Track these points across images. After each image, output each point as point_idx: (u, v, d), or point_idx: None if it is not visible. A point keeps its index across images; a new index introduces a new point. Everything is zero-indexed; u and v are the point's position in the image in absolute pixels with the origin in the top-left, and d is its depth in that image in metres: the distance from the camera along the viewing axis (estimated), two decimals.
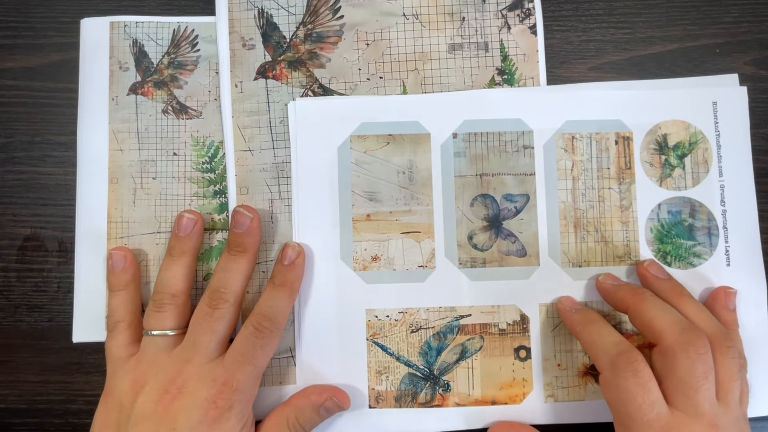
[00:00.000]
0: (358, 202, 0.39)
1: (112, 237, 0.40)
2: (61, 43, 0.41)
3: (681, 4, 0.41)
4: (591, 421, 0.38)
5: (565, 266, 0.39)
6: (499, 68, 0.40)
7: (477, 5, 0.41)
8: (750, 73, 0.41)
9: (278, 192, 0.40)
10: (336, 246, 0.39)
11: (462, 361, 0.39)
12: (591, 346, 0.35)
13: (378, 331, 0.39)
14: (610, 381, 0.32)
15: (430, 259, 0.39)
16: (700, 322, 0.34)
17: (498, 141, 0.40)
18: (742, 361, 0.35)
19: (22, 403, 0.39)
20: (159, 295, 0.36)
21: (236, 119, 0.40)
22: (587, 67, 0.41)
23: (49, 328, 0.40)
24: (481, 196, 0.39)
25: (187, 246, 0.37)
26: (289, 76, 0.40)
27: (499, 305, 0.39)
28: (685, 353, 0.31)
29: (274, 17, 0.41)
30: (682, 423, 0.31)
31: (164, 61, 0.41)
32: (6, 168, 0.40)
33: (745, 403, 0.34)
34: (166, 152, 0.40)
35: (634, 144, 0.40)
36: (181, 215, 0.38)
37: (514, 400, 0.38)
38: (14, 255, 0.40)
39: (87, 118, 0.40)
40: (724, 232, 0.39)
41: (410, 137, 0.39)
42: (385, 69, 0.40)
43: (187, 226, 0.37)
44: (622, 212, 0.39)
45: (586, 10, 0.41)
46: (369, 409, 0.38)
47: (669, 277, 0.38)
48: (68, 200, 0.40)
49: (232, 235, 0.37)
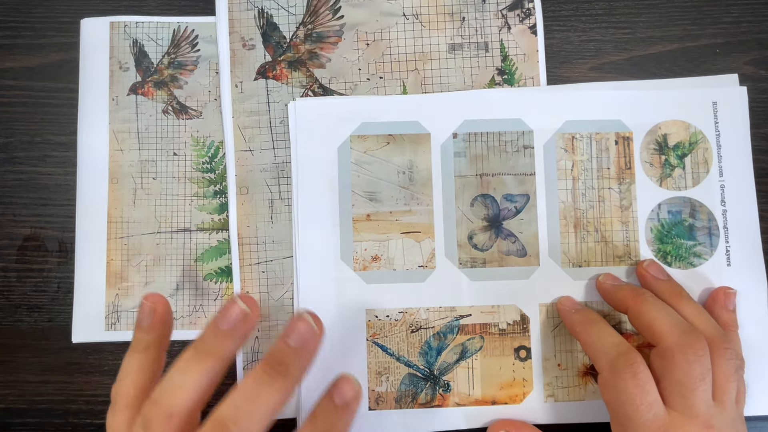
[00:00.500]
0: (358, 202, 0.39)
1: (112, 237, 0.40)
2: (61, 43, 0.41)
3: (681, 4, 0.41)
4: (591, 421, 0.38)
5: (565, 266, 0.39)
6: (499, 68, 0.40)
7: (477, 5, 0.41)
8: (750, 73, 0.41)
9: (278, 192, 0.40)
10: (336, 246, 0.39)
11: (462, 361, 0.39)
12: (590, 347, 0.35)
13: (378, 331, 0.39)
14: (608, 381, 0.33)
15: (430, 259, 0.39)
16: (699, 323, 0.34)
17: (498, 141, 0.40)
18: (739, 362, 0.35)
19: (22, 403, 0.39)
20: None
21: (236, 119, 0.40)
22: (587, 67, 0.41)
23: (49, 328, 0.40)
24: (481, 196, 0.39)
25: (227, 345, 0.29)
26: (289, 76, 0.40)
27: (499, 305, 0.39)
28: (684, 355, 0.31)
29: (274, 17, 0.41)
30: (679, 423, 0.31)
31: (164, 61, 0.41)
32: (6, 168, 0.40)
33: (742, 403, 0.34)
34: (166, 152, 0.40)
35: (634, 144, 0.40)
36: (228, 307, 0.29)
37: (514, 400, 0.38)
38: (14, 255, 0.40)
39: (87, 118, 0.40)
40: (724, 232, 0.39)
41: (410, 137, 0.39)
42: (385, 69, 0.40)
43: (235, 316, 0.29)
44: (622, 212, 0.39)
45: (586, 10, 0.41)
46: (369, 411, 0.38)
47: (668, 277, 0.38)
48: (68, 200, 0.40)
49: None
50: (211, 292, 0.40)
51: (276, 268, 0.39)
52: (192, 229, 0.40)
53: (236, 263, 0.39)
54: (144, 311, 0.31)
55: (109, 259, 0.39)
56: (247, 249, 0.39)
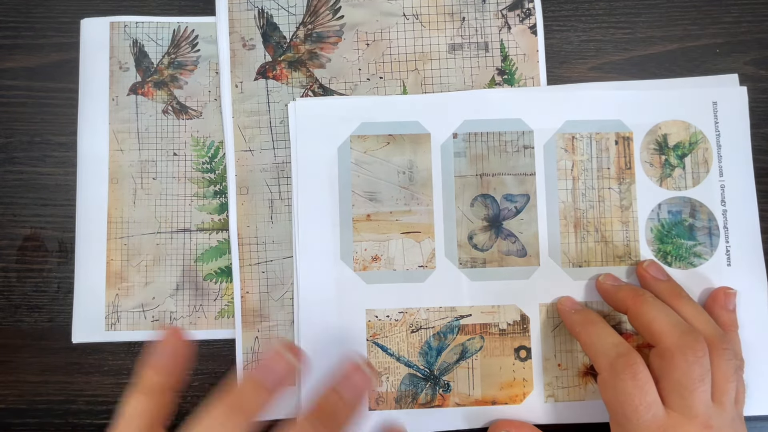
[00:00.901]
0: (358, 202, 0.39)
1: (112, 237, 0.40)
2: (61, 43, 0.41)
3: (681, 4, 0.41)
4: (591, 421, 0.38)
5: (565, 266, 0.39)
6: (499, 68, 0.40)
7: (477, 5, 0.41)
8: (750, 73, 0.41)
9: (278, 192, 0.40)
10: (336, 246, 0.39)
11: (462, 361, 0.39)
12: (590, 347, 0.35)
13: (378, 331, 0.39)
14: (608, 382, 0.33)
15: (430, 259, 0.39)
16: (698, 324, 0.34)
17: (498, 141, 0.40)
18: (739, 362, 0.35)
19: (22, 403, 0.39)
20: None
21: (236, 119, 0.40)
22: (587, 67, 0.41)
23: (49, 328, 0.40)
24: (481, 196, 0.39)
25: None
26: (289, 77, 0.40)
27: (499, 305, 0.39)
28: (683, 356, 0.31)
29: (274, 17, 0.41)
30: (677, 424, 0.31)
31: (164, 61, 0.41)
32: (6, 168, 0.40)
33: (741, 403, 0.34)
34: (166, 152, 0.40)
35: (634, 144, 0.40)
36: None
37: (515, 400, 0.38)
38: (14, 255, 0.40)
39: (87, 118, 0.40)
40: (724, 232, 0.39)
41: (410, 137, 0.39)
42: (385, 69, 0.40)
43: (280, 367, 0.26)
44: (622, 212, 0.39)
45: (586, 10, 0.41)
46: (369, 411, 0.38)
47: (668, 277, 0.38)
48: (68, 200, 0.40)
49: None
50: (211, 292, 0.40)
51: (276, 268, 0.39)
52: (192, 229, 0.40)
53: (236, 263, 0.39)
54: (163, 350, 0.27)
55: (109, 259, 0.39)
56: (247, 249, 0.39)
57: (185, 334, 0.28)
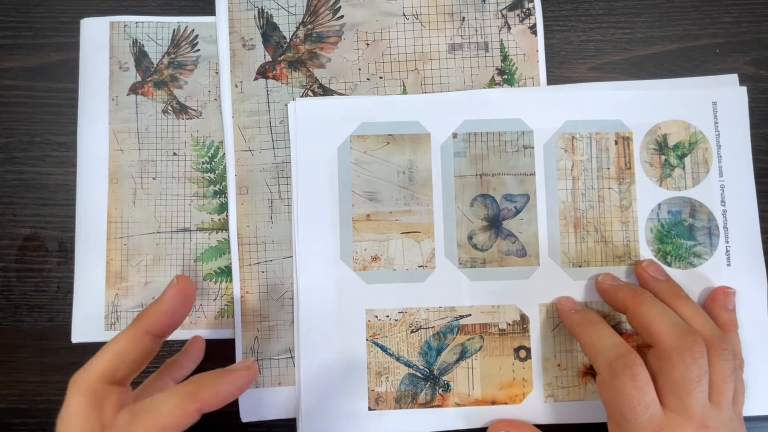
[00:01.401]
0: (358, 202, 0.39)
1: (111, 237, 0.40)
2: (61, 43, 0.41)
3: (681, 4, 0.41)
4: (591, 421, 0.38)
5: (565, 266, 0.39)
6: (499, 68, 0.40)
7: (477, 5, 0.41)
8: (750, 73, 0.41)
9: (278, 192, 0.40)
10: (336, 246, 0.39)
11: (462, 361, 0.39)
12: (590, 348, 0.35)
13: (378, 331, 0.39)
14: (607, 382, 0.33)
15: (430, 259, 0.39)
16: (697, 324, 0.34)
17: (498, 141, 0.40)
18: (738, 362, 0.35)
19: (22, 403, 0.39)
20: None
21: (236, 119, 0.40)
22: (587, 67, 0.41)
23: (49, 328, 0.40)
24: (481, 196, 0.39)
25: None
26: (289, 76, 0.40)
27: (499, 305, 0.39)
28: (681, 357, 0.31)
29: (274, 17, 0.41)
30: (674, 424, 0.31)
31: (164, 61, 0.41)
32: (6, 168, 0.40)
33: (740, 404, 0.34)
34: (166, 152, 0.40)
35: (634, 144, 0.40)
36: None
37: (514, 400, 0.38)
38: (14, 255, 0.40)
39: (87, 118, 0.40)
40: (724, 232, 0.39)
41: (410, 137, 0.39)
42: (385, 69, 0.40)
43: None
44: (622, 212, 0.39)
45: (586, 10, 0.41)
46: (369, 411, 0.38)
47: (667, 278, 0.38)
48: (68, 200, 0.40)
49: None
50: (210, 292, 0.40)
51: (276, 268, 0.39)
52: (192, 229, 0.40)
53: (236, 263, 0.39)
54: (176, 290, 0.32)
55: (109, 259, 0.40)
56: (246, 249, 0.39)
57: (192, 285, 0.32)
